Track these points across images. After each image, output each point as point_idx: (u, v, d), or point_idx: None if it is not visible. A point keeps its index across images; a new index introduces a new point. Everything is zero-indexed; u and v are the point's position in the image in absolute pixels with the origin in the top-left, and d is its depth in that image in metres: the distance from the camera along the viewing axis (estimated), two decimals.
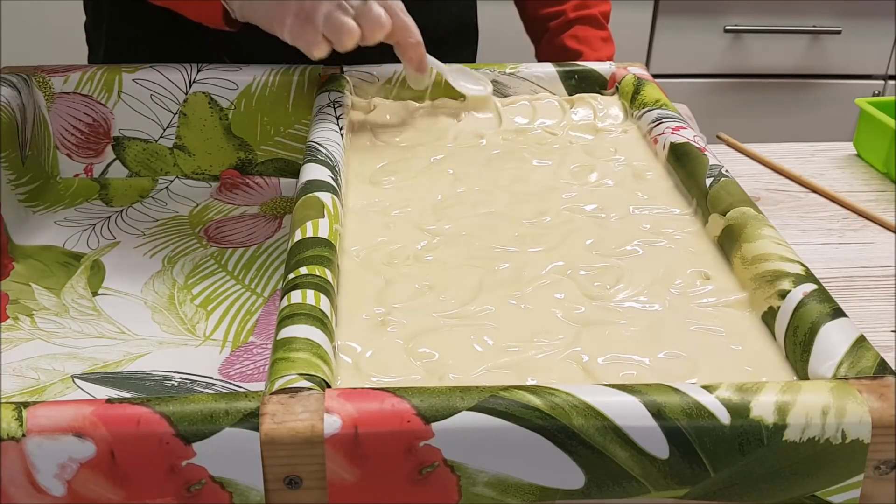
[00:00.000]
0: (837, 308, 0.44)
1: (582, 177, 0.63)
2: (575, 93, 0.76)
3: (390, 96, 0.75)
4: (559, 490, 0.38)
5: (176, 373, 0.51)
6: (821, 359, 0.42)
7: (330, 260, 0.49)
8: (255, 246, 0.64)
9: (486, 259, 0.53)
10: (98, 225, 0.67)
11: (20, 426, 0.36)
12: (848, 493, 0.38)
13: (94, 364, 0.52)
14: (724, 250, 0.53)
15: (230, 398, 0.37)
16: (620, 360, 0.45)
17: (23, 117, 0.68)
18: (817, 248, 0.70)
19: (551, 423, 0.36)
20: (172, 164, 0.74)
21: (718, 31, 1.66)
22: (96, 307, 0.57)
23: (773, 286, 0.47)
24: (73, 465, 0.36)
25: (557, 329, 0.47)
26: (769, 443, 0.37)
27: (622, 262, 0.53)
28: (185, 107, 0.73)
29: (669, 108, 0.69)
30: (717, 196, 0.55)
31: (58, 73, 0.72)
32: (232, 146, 0.74)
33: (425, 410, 0.36)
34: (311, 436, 0.36)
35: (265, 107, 0.73)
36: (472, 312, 0.48)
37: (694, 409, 0.37)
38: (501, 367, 0.44)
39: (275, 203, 0.71)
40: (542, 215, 0.58)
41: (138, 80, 0.72)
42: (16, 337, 0.54)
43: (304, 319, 0.43)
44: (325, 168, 0.58)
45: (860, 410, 0.37)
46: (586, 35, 0.90)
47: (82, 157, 0.74)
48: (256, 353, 0.53)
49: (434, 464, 0.37)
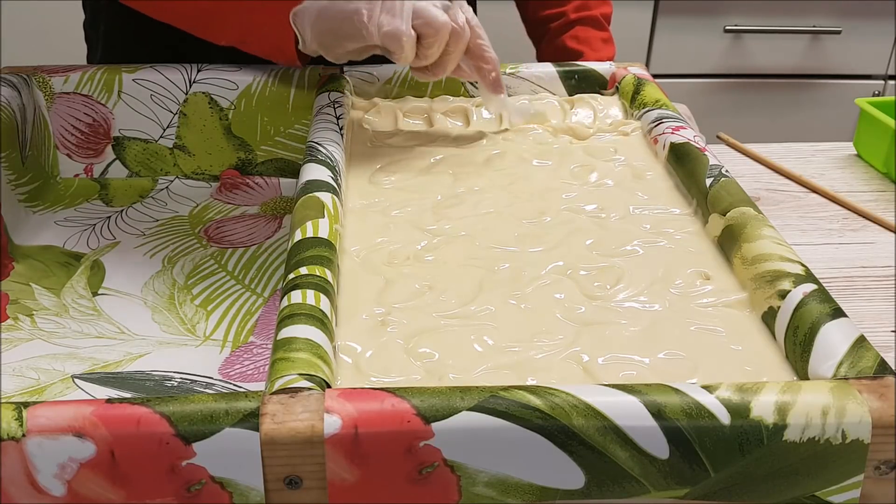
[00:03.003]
0: (837, 308, 0.44)
1: (582, 177, 0.63)
2: (575, 93, 0.76)
3: (390, 96, 0.75)
4: (559, 490, 0.38)
5: (176, 373, 0.51)
6: (821, 359, 0.42)
7: (330, 260, 0.49)
8: (255, 246, 0.64)
9: (486, 259, 0.53)
10: (98, 225, 0.67)
11: (20, 426, 0.36)
12: (848, 493, 0.38)
13: (94, 364, 0.52)
14: (724, 250, 0.53)
15: (230, 398, 0.37)
16: (620, 360, 0.45)
17: (23, 117, 0.68)
18: (817, 248, 0.70)
19: (551, 423, 0.36)
20: (172, 164, 0.74)
21: (718, 31, 1.66)
22: (96, 307, 0.57)
23: (773, 286, 0.47)
24: (73, 465, 0.36)
25: (557, 329, 0.47)
26: (769, 443, 0.37)
27: (622, 262, 0.53)
28: (185, 107, 0.73)
29: (669, 108, 0.69)
30: (717, 196, 0.55)
31: (58, 73, 0.72)
32: (232, 146, 0.74)
33: (425, 410, 0.36)
34: (311, 436, 0.36)
35: (265, 107, 0.73)
36: (472, 312, 0.48)
37: (694, 409, 0.37)
38: (501, 367, 0.44)
39: (275, 203, 0.71)
40: (542, 215, 0.58)
41: (138, 80, 0.72)
42: (16, 337, 0.54)
43: (304, 319, 0.43)
44: (325, 168, 0.58)
45: (860, 410, 0.37)
46: (587, 36, 0.90)
47: (82, 157, 0.74)
48: (256, 353, 0.53)
49: (434, 464, 0.37)
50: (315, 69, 0.74)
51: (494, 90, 0.68)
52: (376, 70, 0.75)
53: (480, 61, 0.66)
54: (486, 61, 0.66)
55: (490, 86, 0.67)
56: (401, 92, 0.75)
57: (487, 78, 0.67)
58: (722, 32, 1.65)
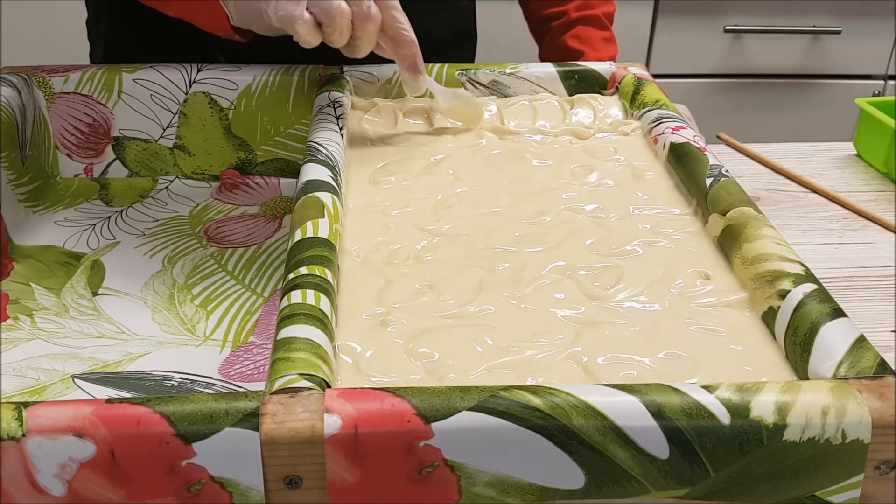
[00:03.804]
0: (837, 308, 0.44)
1: (582, 177, 0.63)
2: (575, 93, 0.76)
3: (390, 96, 0.75)
4: (559, 490, 0.38)
5: (176, 373, 0.51)
6: (821, 359, 0.42)
7: (330, 260, 0.49)
8: (255, 246, 0.64)
9: (486, 259, 0.53)
10: (98, 225, 0.67)
11: (20, 426, 0.36)
12: (848, 493, 0.38)
13: (94, 364, 0.52)
14: (724, 250, 0.53)
15: (230, 398, 0.37)
16: (620, 360, 0.45)
17: (23, 117, 0.68)
18: (817, 248, 0.70)
19: (551, 423, 0.36)
20: (172, 164, 0.74)
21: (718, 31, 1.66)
22: (96, 307, 0.57)
23: (773, 286, 0.47)
24: (73, 465, 0.36)
25: (557, 329, 0.47)
26: (769, 443, 0.37)
27: (622, 262, 0.53)
28: (185, 107, 0.73)
29: (669, 108, 0.69)
30: (717, 196, 0.55)
31: (58, 73, 0.72)
32: (232, 146, 0.74)
33: (425, 410, 0.36)
34: (311, 436, 0.36)
35: (265, 107, 0.73)
36: (472, 312, 0.48)
37: (694, 409, 0.37)
38: (501, 367, 0.44)
39: (275, 203, 0.71)
40: (542, 215, 0.58)
41: (138, 80, 0.72)
42: (16, 337, 0.54)
43: (304, 319, 0.43)
44: (325, 168, 0.58)
45: (860, 410, 0.37)
46: (588, 35, 0.90)
47: (82, 157, 0.74)
48: (256, 353, 0.53)
49: (434, 464, 0.37)
50: (315, 69, 0.74)
51: (411, 72, 0.67)
52: (376, 70, 0.75)
53: (396, 44, 0.65)
54: (402, 44, 0.65)
55: (407, 68, 0.67)
56: (401, 92, 0.75)
57: (404, 60, 0.66)
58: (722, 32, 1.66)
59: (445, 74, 0.75)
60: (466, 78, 0.75)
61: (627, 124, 0.70)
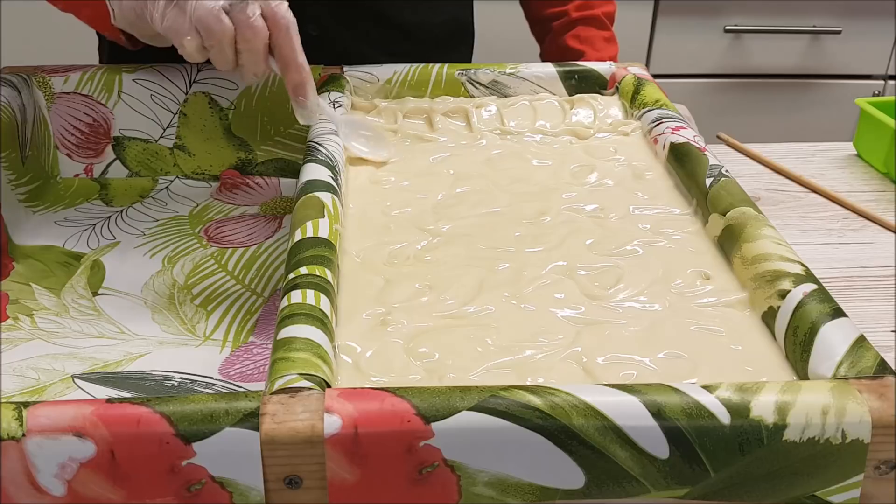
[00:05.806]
0: (837, 308, 0.44)
1: (582, 177, 0.63)
2: (575, 93, 0.76)
3: (390, 96, 0.75)
4: (559, 490, 0.38)
5: (176, 373, 0.51)
6: (821, 359, 0.42)
7: (330, 260, 0.49)
8: (255, 246, 0.64)
9: (486, 259, 0.53)
10: (98, 225, 0.67)
11: (20, 426, 0.36)
12: (848, 493, 0.38)
13: (94, 364, 0.52)
14: (724, 250, 0.53)
15: (230, 398, 0.37)
16: (620, 360, 0.45)
17: (23, 117, 0.68)
18: (817, 248, 0.70)
19: (551, 423, 0.36)
20: (172, 164, 0.74)
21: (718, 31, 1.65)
22: (96, 307, 0.57)
23: (773, 286, 0.47)
24: (73, 465, 0.36)
25: (557, 329, 0.47)
26: (769, 443, 0.37)
27: (622, 262, 0.53)
28: (185, 107, 0.73)
29: (669, 108, 0.69)
30: (717, 196, 0.55)
31: (58, 73, 0.72)
32: (232, 146, 0.74)
33: (425, 410, 0.36)
34: (311, 436, 0.36)
35: (265, 107, 0.73)
36: (472, 312, 0.48)
37: (694, 409, 0.37)
38: (501, 367, 0.44)
39: (275, 203, 0.71)
40: (542, 215, 0.58)
41: (138, 80, 0.72)
42: (16, 337, 0.54)
43: (304, 319, 0.43)
44: (325, 168, 0.58)
45: (860, 410, 0.37)
46: (589, 35, 0.90)
47: (82, 157, 0.74)
48: (256, 353, 0.53)
49: (434, 464, 0.37)
50: (315, 69, 0.74)
51: (293, 94, 0.62)
52: (376, 70, 0.75)
53: (284, 67, 0.61)
54: (290, 67, 0.61)
55: (291, 91, 0.62)
56: (401, 92, 0.75)
57: (290, 85, 0.62)
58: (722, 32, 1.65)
59: (445, 74, 0.75)
60: (466, 78, 0.75)
61: (627, 124, 0.70)
